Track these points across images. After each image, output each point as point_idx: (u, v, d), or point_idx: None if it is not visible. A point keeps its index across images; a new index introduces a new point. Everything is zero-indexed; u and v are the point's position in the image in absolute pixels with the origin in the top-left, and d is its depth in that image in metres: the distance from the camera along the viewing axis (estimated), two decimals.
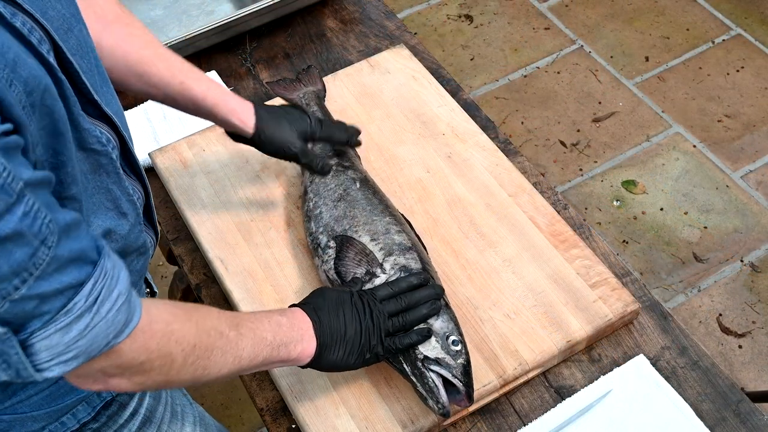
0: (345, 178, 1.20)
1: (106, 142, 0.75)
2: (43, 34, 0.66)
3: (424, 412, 1.03)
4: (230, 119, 1.07)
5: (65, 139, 0.66)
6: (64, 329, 0.62)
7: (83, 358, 0.65)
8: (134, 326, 0.68)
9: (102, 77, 0.80)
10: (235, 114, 1.08)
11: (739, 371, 2.02)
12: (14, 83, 0.57)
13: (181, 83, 1.03)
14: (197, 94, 1.04)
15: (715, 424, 1.05)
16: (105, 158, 0.75)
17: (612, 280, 1.14)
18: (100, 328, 0.64)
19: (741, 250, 2.25)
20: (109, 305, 0.65)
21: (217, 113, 1.06)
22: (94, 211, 0.76)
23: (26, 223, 0.56)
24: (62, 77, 0.66)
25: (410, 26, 2.85)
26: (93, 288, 0.63)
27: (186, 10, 1.61)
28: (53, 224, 0.59)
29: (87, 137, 0.72)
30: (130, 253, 0.85)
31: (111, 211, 0.78)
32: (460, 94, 1.45)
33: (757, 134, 2.51)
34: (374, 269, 1.06)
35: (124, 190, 0.80)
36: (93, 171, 0.74)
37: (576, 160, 2.47)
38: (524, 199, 1.25)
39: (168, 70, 1.02)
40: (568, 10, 2.91)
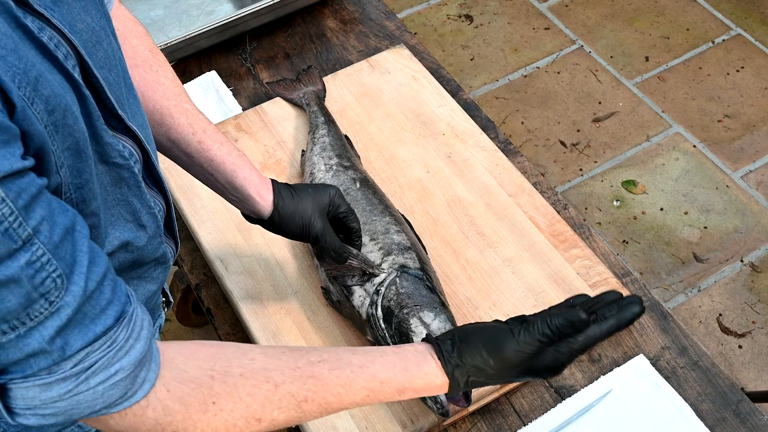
0: (345, 178, 1.20)
1: (128, 156, 0.72)
2: (69, 50, 0.63)
3: (424, 412, 1.03)
4: (247, 190, 0.97)
5: (87, 157, 0.63)
6: (44, 387, 0.58)
7: (62, 418, 0.61)
8: (129, 406, 0.63)
9: (129, 89, 0.77)
10: (253, 185, 0.97)
11: (739, 371, 2.02)
12: (36, 102, 0.55)
13: (200, 143, 0.95)
14: (215, 157, 0.95)
15: (715, 424, 1.05)
16: (127, 172, 0.72)
17: (612, 280, 1.14)
18: (84, 397, 0.60)
19: (741, 250, 2.25)
20: (102, 378, 0.60)
21: (234, 181, 0.96)
22: (113, 223, 0.73)
23: (28, 273, 0.53)
24: (87, 93, 0.64)
25: (410, 26, 2.85)
26: (86, 356, 0.59)
27: (186, 10, 1.61)
28: (62, 280, 0.56)
29: (109, 151, 0.69)
30: (148, 262, 0.81)
31: (130, 223, 0.75)
32: (460, 94, 1.45)
33: (757, 134, 2.51)
34: (372, 270, 1.06)
35: (145, 202, 0.76)
36: (114, 184, 0.71)
37: (576, 160, 2.47)
38: (524, 199, 1.25)
39: (189, 126, 0.94)
40: (568, 10, 2.91)
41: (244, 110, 1.44)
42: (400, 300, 1.03)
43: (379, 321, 1.02)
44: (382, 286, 1.04)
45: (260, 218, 1.00)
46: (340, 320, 1.13)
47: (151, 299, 0.85)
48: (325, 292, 1.14)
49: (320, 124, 1.30)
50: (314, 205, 1.00)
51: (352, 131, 1.36)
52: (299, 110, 1.40)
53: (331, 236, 1.01)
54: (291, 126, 1.38)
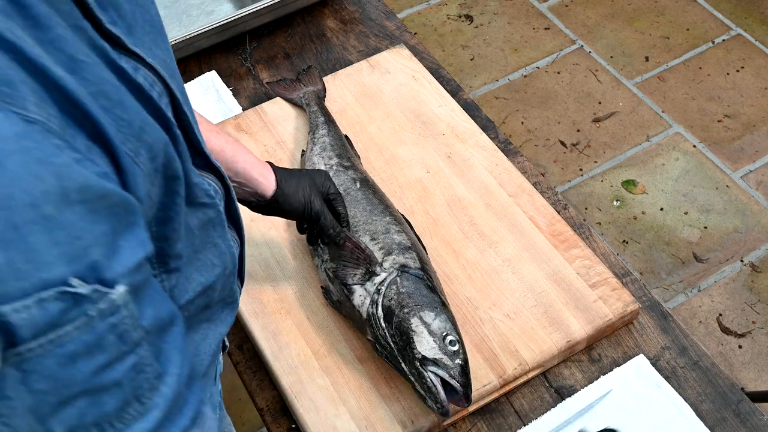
0: (345, 179, 1.20)
1: (214, 194, 0.69)
2: (163, 88, 0.60)
3: (424, 412, 1.03)
4: (250, 173, 0.99)
5: (178, 197, 0.60)
6: None
7: None
8: None
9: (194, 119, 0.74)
10: (255, 167, 0.99)
11: (739, 371, 2.02)
12: (140, 153, 0.52)
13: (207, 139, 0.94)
14: (214, 146, 0.96)
15: (715, 424, 1.05)
16: (213, 211, 0.69)
17: (612, 280, 1.14)
18: None
19: (741, 250, 2.25)
20: None
21: (236, 166, 0.97)
22: (199, 268, 0.69)
23: (130, 376, 0.49)
24: (178, 132, 0.60)
25: (410, 26, 2.85)
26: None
27: (186, 10, 1.61)
28: (157, 381, 0.53)
29: (197, 192, 0.65)
30: (216, 303, 0.77)
31: (217, 267, 0.71)
32: (460, 94, 1.45)
33: (757, 134, 2.51)
34: (373, 268, 1.06)
35: (227, 242, 0.73)
36: (201, 226, 0.68)
37: (576, 160, 2.47)
38: (524, 199, 1.25)
39: None
40: (568, 10, 2.91)
41: (244, 110, 1.44)
42: (401, 299, 1.03)
43: (379, 320, 1.02)
44: (383, 286, 1.04)
45: (261, 201, 1.01)
46: (340, 320, 1.13)
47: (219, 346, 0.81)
48: (325, 292, 1.14)
49: (320, 124, 1.30)
50: (312, 184, 1.04)
51: (352, 131, 1.36)
52: (299, 110, 1.40)
53: (329, 215, 1.05)
54: (291, 126, 1.38)
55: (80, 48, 0.49)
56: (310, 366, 1.08)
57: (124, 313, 0.47)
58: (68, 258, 0.43)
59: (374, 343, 1.04)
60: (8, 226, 0.41)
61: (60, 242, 0.43)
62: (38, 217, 0.41)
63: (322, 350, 1.10)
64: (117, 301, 0.46)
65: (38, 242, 0.42)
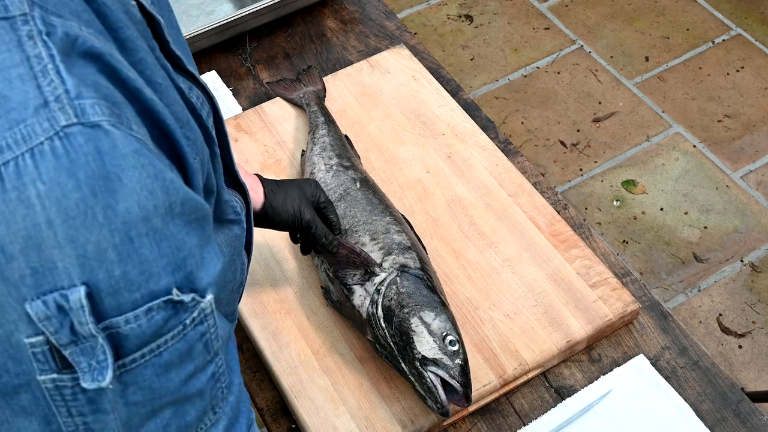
0: (345, 178, 1.20)
1: (240, 211, 0.70)
2: (210, 108, 0.62)
3: (424, 412, 1.03)
4: None
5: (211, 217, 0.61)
6: None
7: None
8: None
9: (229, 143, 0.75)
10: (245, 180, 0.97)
11: (739, 371, 2.02)
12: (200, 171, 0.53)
13: None
14: None
15: (715, 424, 1.05)
16: (239, 228, 0.70)
17: (612, 280, 1.14)
18: None
19: (741, 250, 2.25)
20: None
21: None
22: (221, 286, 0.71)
23: (210, 385, 0.52)
24: (218, 150, 0.62)
25: (410, 26, 2.85)
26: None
27: (186, 10, 1.61)
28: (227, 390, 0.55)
29: (225, 209, 0.66)
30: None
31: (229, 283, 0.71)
32: (460, 94, 1.45)
33: (757, 134, 2.51)
34: (372, 268, 1.06)
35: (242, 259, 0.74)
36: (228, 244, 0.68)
37: (576, 160, 2.47)
38: (524, 199, 1.25)
39: None
40: (568, 10, 2.91)
41: (244, 110, 1.44)
42: (401, 299, 1.03)
43: (379, 320, 1.02)
44: (383, 286, 1.04)
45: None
46: (340, 320, 1.13)
47: None
48: (325, 292, 1.14)
49: (320, 124, 1.30)
50: (301, 194, 1.03)
51: (352, 131, 1.36)
52: (299, 110, 1.40)
53: (320, 224, 1.04)
54: (291, 126, 1.38)
55: (157, 70, 0.51)
56: (310, 366, 1.08)
57: (210, 322, 0.49)
58: (172, 268, 0.45)
59: (374, 343, 1.04)
60: (125, 240, 0.42)
61: (166, 254, 0.45)
62: (149, 229, 0.43)
63: (322, 350, 1.10)
64: (206, 309, 0.48)
65: (149, 254, 0.44)
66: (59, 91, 0.41)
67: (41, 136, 0.40)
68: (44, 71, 0.41)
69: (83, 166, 0.41)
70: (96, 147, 0.41)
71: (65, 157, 0.40)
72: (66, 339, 0.43)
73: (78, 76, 0.42)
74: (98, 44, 0.44)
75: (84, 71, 0.43)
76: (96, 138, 0.41)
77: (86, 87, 0.42)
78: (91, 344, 0.43)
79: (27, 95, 0.41)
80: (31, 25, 0.42)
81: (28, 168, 0.40)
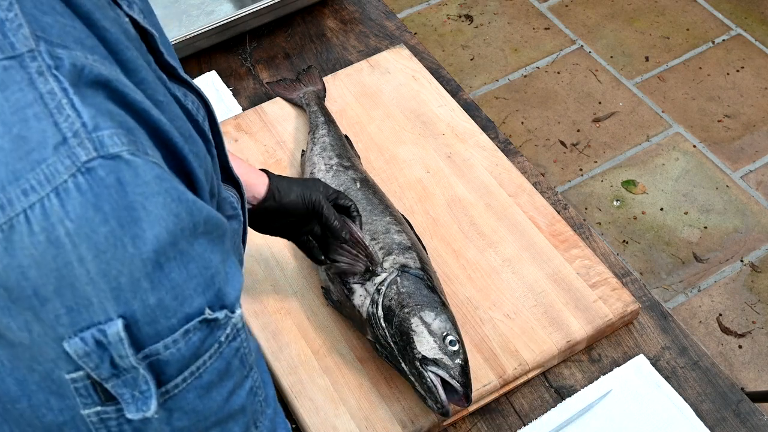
0: (345, 178, 1.20)
1: (237, 205, 0.71)
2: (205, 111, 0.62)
3: (424, 412, 1.03)
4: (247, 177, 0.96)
5: None
6: None
7: None
8: None
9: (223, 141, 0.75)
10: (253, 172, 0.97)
11: (739, 371, 2.02)
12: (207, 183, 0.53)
13: None
14: None
15: (715, 424, 1.05)
16: (237, 222, 0.70)
17: (612, 280, 1.14)
18: None
19: (741, 250, 2.25)
20: None
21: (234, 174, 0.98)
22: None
23: (250, 400, 0.51)
24: (215, 152, 0.62)
25: (410, 26, 2.85)
26: None
27: (186, 10, 1.61)
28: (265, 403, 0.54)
29: (224, 206, 0.67)
30: None
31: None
32: (460, 94, 1.45)
33: (757, 134, 2.51)
34: (374, 267, 1.06)
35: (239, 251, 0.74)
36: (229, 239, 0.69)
37: (576, 160, 2.47)
38: (524, 199, 1.25)
39: None
40: (568, 10, 2.91)
41: (244, 110, 1.44)
42: (401, 299, 1.03)
43: (379, 320, 1.02)
44: (383, 286, 1.04)
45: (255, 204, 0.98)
46: (340, 320, 1.13)
47: None
48: (325, 292, 1.14)
49: (320, 124, 1.30)
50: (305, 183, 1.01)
51: (352, 131, 1.36)
52: (299, 110, 1.40)
53: (330, 206, 1.01)
54: (291, 126, 1.38)
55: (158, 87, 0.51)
56: (310, 366, 1.08)
57: (242, 336, 0.49)
58: (203, 288, 0.45)
59: (374, 343, 1.04)
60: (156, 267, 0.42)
61: (195, 275, 0.45)
62: (177, 253, 0.43)
63: (322, 350, 1.10)
64: (238, 324, 0.49)
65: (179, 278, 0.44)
66: (76, 126, 0.41)
67: (64, 174, 0.40)
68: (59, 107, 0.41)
69: (107, 199, 0.41)
70: (118, 178, 0.41)
71: (90, 192, 0.40)
72: (107, 373, 0.43)
73: (93, 106, 0.42)
74: (105, 71, 0.44)
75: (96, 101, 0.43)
76: (117, 169, 0.41)
77: (102, 117, 0.42)
78: (132, 375, 0.43)
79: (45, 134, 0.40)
80: (39, 60, 0.41)
81: (54, 207, 0.40)
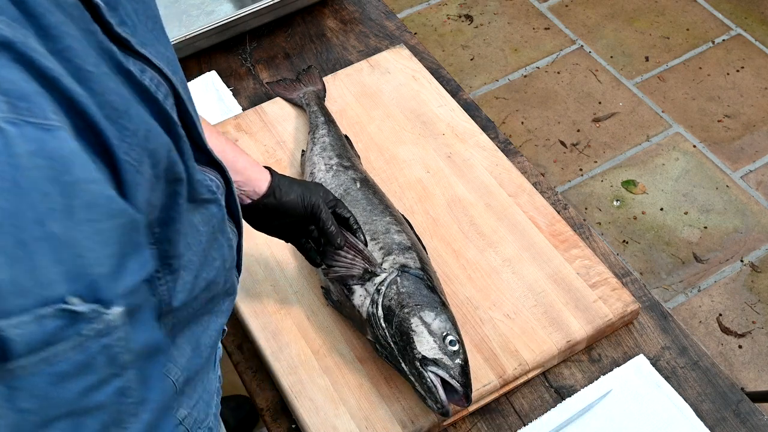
0: (345, 179, 1.20)
1: (216, 189, 0.69)
2: (168, 88, 0.59)
3: (424, 412, 1.03)
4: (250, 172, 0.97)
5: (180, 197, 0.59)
6: None
7: None
8: None
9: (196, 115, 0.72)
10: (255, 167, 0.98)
11: (739, 371, 2.02)
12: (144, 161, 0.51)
13: None
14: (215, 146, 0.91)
15: (715, 424, 1.05)
16: (215, 206, 0.69)
17: (612, 280, 1.14)
18: None
19: (741, 250, 2.25)
20: None
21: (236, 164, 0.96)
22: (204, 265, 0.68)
23: (114, 400, 0.49)
24: (182, 132, 0.60)
25: (410, 26, 2.85)
26: None
27: (186, 10, 1.61)
28: (141, 407, 0.52)
29: (199, 189, 0.65)
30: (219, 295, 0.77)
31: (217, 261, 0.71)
32: (460, 94, 1.45)
33: (757, 134, 2.51)
34: (373, 268, 1.06)
35: (226, 235, 0.73)
36: (205, 223, 0.67)
37: (576, 160, 2.47)
38: (524, 199, 1.25)
39: None
40: (568, 10, 2.91)
41: (244, 110, 1.44)
42: (401, 299, 1.03)
43: (379, 320, 1.02)
44: (383, 286, 1.04)
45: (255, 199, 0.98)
46: (340, 320, 1.13)
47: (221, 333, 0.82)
48: (325, 292, 1.14)
49: (320, 124, 1.30)
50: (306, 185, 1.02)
51: (352, 131, 1.36)
52: (299, 110, 1.40)
53: (328, 212, 1.01)
54: (291, 126, 1.38)
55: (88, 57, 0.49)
56: (310, 366, 1.08)
57: (118, 335, 0.47)
58: (70, 276, 0.43)
59: (374, 343, 1.04)
60: (17, 243, 0.41)
61: (64, 260, 0.43)
62: (44, 234, 0.41)
63: (322, 350, 1.10)
64: (113, 321, 0.46)
65: (43, 260, 0.42)
66: None
67: None
68: None
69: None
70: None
71: None
72: None
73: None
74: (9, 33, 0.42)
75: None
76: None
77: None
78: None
79: None
80: None
81: None
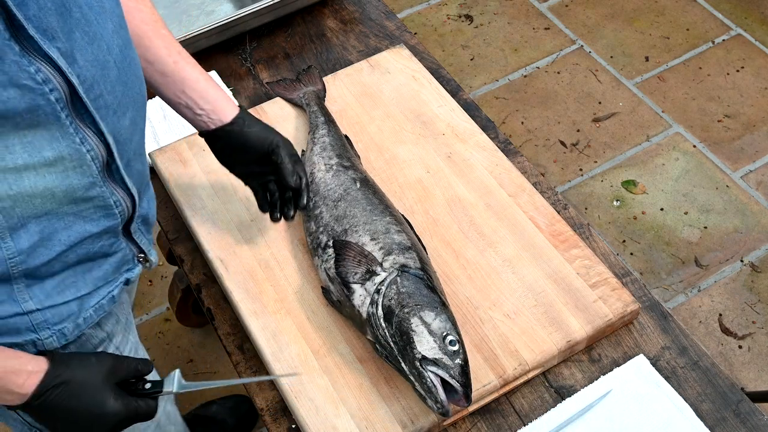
0: (345, 178, 1.20)
1: (42, 81, 0.71)
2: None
3: (424, 412, 1.03)
4: (220, 102, 1.07)
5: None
6: None
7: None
8: None
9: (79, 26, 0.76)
10: (227, 97, 1.09)
11: (739, 371, 2.02)
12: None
13: (175, 62, 1.04)
14: (190, 75, 1.05)
15: (715, 424, 1.05)
16: (42, 99, 0.72)
17: (612, 280, 1.14)
18: None
19: (741, 250, 2.25)
20: None
21: (208, 93, 1.06)
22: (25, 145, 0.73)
23: None
24: None
25: (410, 26, 2.85)
26: None
27: (186, 10, 1.61)
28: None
29: (17, 71, 0.69)
30: (84, 200, 0.82)
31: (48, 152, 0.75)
32: (460, 94, 1.45)
33: (757, 134, 2.51)
34: (374, 268, 1.06)
35: (69, 137, 0.77)
36: (30, 111, 0.71)
37: (576, 160, 2.47)
38: (524, 199, 1.25)
39: (165, 48, 1.03)
40: (568, 10, 2.91)
41: None
42: (401, 299, 1.03)
43: (379, 320, 1.02)
44: (383, 286, 1.04)
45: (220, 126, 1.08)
46: (340, 320, 1.13)
47: (96, 242, 0.87)
48: (325, 292, 1.14)
49: (320, 124, 1.30)
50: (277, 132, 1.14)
51: (352, 131, 1.36)
52: (299, 110, 1.40)
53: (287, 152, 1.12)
54: (291, 126, 1.38)
55: None
56: (310, 366, 1.08)
57: None
58: None
59: (374, 343, 1.04)
60: None
61: None
62: None
63: (322, 350, 1.10)
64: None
65: None
66: None
67: None
68: None
69: None
70: None
71: None
72: None
73: None
74: None
75: None
76: None
77: None
78: None
79: None
80: None
81: None
